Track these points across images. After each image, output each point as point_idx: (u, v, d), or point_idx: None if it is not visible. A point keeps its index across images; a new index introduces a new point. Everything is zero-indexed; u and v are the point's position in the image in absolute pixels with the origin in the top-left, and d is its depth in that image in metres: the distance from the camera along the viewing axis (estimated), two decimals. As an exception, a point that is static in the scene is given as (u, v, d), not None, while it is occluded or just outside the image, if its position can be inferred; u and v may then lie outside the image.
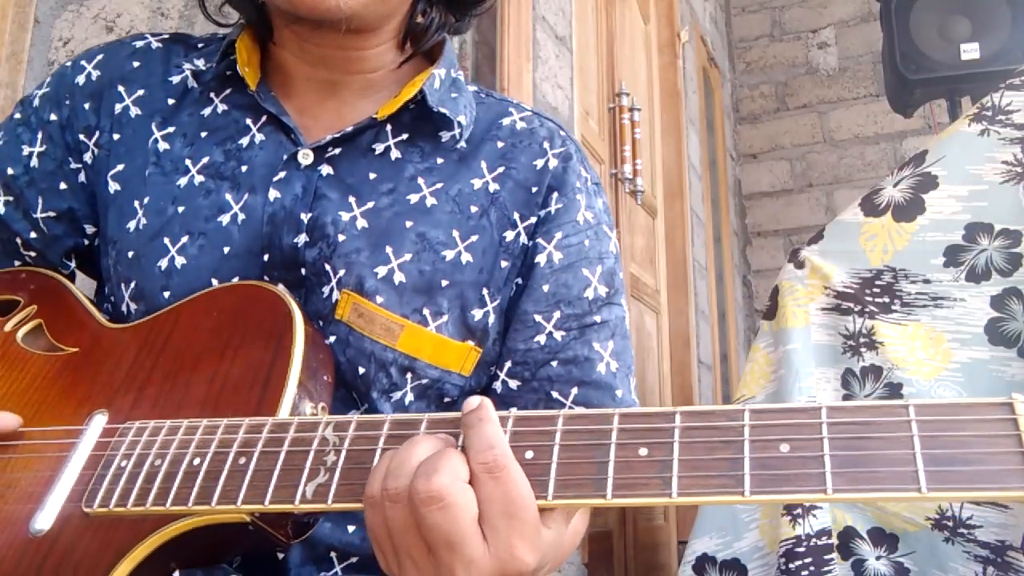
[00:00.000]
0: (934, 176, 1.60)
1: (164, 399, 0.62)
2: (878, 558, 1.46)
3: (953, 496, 0.42)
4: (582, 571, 1.90)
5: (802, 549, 1.45)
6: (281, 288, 0.66)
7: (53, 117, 0.79)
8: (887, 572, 1.47)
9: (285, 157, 0.72)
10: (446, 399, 0.74)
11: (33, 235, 0.78)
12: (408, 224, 0.71)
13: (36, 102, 0.80)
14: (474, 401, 0.50)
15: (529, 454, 0.48)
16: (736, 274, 3.61)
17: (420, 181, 0.73)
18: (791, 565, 1.49)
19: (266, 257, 0.70)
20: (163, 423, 0.58)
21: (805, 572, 1.49)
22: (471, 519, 0.47)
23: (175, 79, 0.79)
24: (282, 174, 0.72)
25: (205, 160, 0.74)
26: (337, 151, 0.73)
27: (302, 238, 0.70)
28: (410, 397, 0.72)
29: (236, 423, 0.56)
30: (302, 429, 0.54)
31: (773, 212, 3.82)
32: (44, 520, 0.57)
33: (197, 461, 0.54)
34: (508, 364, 0.74)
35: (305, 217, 0.70)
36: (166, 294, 0.71)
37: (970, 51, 2.26)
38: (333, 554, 0.69)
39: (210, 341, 0.64)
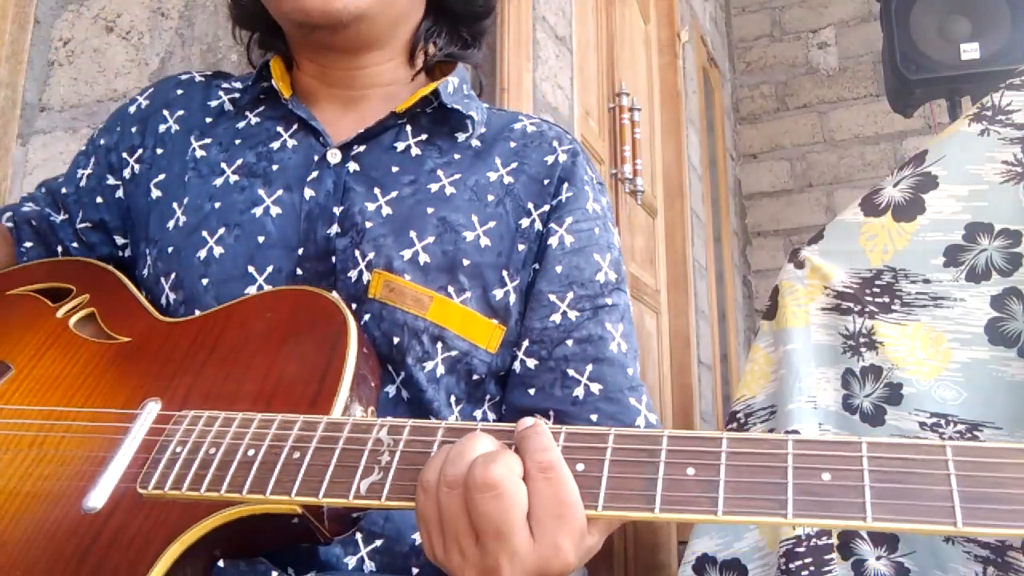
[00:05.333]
0: (934, 176, 1.60)
1: (218, 391, 0.64)
2: (878, 558, 1.46)
3: (987, 532, 0.43)
4: (582, 571, 1.91)
5: (802, 549, 1.45)
6: (335, 296, 0.69)
7: (103, 142, 0.89)
8: (887, 572, 1.47)
9: (316, 158, 0.79)
10: (475, 376, 0.77)
11: (75, 244, 0.88)
12: (429, 210, 0.76)
13: (96, 135, 0.91)
14: (529, 420, 0.53)
15: (580, 466, 0.50)
16: (736, 274, 3.61)
17: (440, 173, 0.79)
18: (791, 565, 1.49)
19: (301, 251, 0.75)
20: (218, 414, 0.60)
21: (805, 572, 1.49)
22: (521, 511, 0.49)
23: (213, 103, 0.87)
24: (315, 173, 0.78)
25: (239, 162, 0.81)
26: (362, 148, 0.80)
27: (334, 229, 0.75)
28: (441, 369, 0.75)
29: (291, 419, 0.57)
30: (357, 430, 0.56)
31: (773, 212, 3.82)
32: (97, 498, 0.58)
33: (252, 452, 0.56)
34: (526, 343, 0.78)
35: (337, 210, 0.76)
36: (204, 281, 0.75)
37: (970, 51, 2.26)
38: (359, 536, 0.71)
39: (264, 339, 0.67)
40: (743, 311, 3.69)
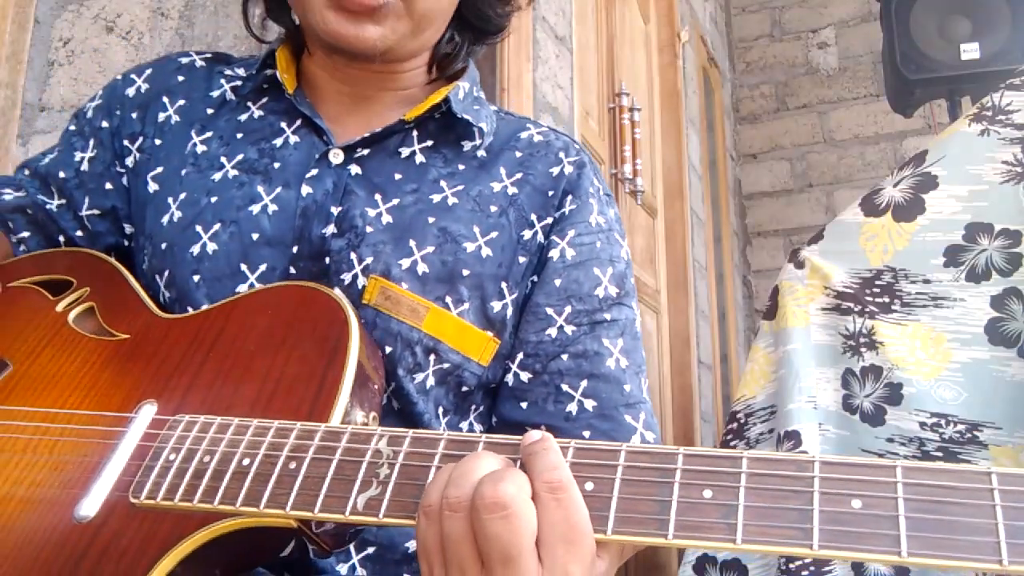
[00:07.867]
0: (934, 176, 1.60)
1: (215, 394, 0.62)
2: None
3: None
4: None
5: (802, 549, 1.45)
6: (338, 292, 0.67)
7: (104, 124, 0.86)
8: (887, 572, 1.47)
9: (317, 156, 0.77)
10: (464, 388, 0.76)
11: (79, 233, 0.84)
12: (431, 220, 0.75)
13: (89, 113, 0.87)
14: (536, 434, 0.50)
15: (589, 486, 0.48)
16: (736, 274, 3.61)
17: (443, 183, 0.78)
18: (791, 565, 1.49)
19: (295, 248, 0.74)
20: (213, 419, 0.58)
21: (805, 572, 1.49)
22: (531, 536, 0.46)
23: (215, 93, 0.85)
24: (314, 171, 0.76)
25: (239, 157, 0.79)
26: (366, 152, 0.78)
27: (330, 229, 0.74)
28: (431, 381, 0.74)
29: (287, 426, 0.55)
30: (355, 439, 0.53)
31: (773, 212, 3.82)
32: (90, 507, 0.57)
33: (247, 462, 0.54)
34: (520, 356, 0.76)
35: (335, 210, 0.74)
36: (196, 278, 0.74)
37: (970, 51, 2.26)
38: (351, 545, 0.71)
39: (263, 339, 0.64)
40: (743, 311, 3.69)
